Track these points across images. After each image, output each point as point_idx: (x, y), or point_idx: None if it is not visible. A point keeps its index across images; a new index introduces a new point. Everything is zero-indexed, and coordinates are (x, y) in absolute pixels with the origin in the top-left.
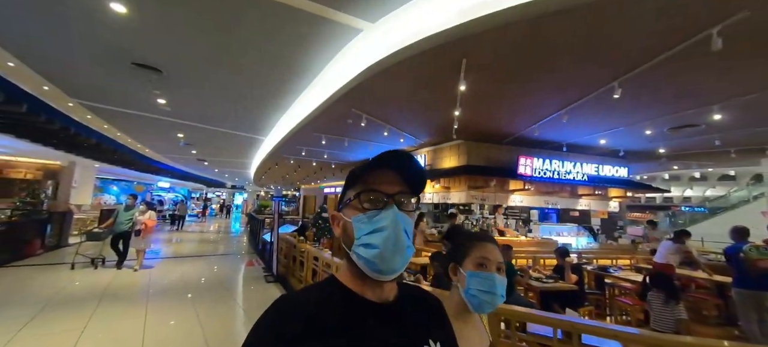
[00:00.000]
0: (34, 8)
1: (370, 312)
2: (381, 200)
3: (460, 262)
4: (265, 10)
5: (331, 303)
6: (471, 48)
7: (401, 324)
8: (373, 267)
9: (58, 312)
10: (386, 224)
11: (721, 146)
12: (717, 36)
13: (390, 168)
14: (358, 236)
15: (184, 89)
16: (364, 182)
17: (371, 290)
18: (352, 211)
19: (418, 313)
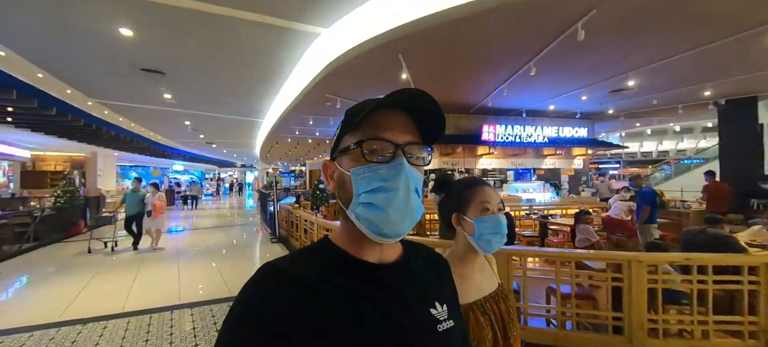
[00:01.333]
0: (59, 33)
1: (369, 276)
2: (388, 150)
3: (464, 210)
4: (244, 26)
5: (324, 269)
6: (405, 46)
7: (405, 286)
8: (376, 231)
9: (114, 268)
10: (394, 182)
11: (662, 104)
12: (581, 29)
13: (401, 110)
14: (357, 193)
15: (185, 85)
16: (368, 127)
17: (371, 251)
18: (350, 161)
19: (423, 274)
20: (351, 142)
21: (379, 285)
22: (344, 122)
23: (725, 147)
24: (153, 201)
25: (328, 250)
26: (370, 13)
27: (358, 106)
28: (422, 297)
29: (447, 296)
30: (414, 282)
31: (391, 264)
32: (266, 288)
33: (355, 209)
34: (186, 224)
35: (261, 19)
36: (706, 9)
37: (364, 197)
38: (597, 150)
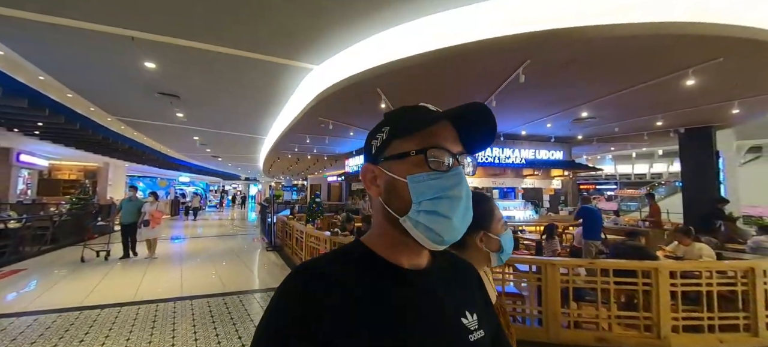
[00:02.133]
0: (93, 63)
1: (403, 281)
2: (447, 159)
3: (489, 227)
4: (249, 62)
5: (358, 271)
6: (382, 82)
7: (438, 293)
8: (435, 238)
9: (126, 267)
10: (457, 190)
11: (624, 131)
12: (522, 73)
13: (450, 122)
14: (417, 201)
15: (196, 106)
16: (428, 136)
17: (406, 256)
18: (407, 167)
19: (454, 281)
20: (408, 148)
21: (414, 290)
22: (394, 127)
23: (686, 172)
24: (151, 211)
25: (362, 253)
26: (352, 55)
27: (407, 113)
28: (454, 305)
29: (478, 304)
30: (445, 289)
31: (423, 269)
32: (301, 294)
33: (413, 216)
34: (189, 233)
35: (263, 57)
36: (616, 62)
37: (425, 205)
38: (575, 171)
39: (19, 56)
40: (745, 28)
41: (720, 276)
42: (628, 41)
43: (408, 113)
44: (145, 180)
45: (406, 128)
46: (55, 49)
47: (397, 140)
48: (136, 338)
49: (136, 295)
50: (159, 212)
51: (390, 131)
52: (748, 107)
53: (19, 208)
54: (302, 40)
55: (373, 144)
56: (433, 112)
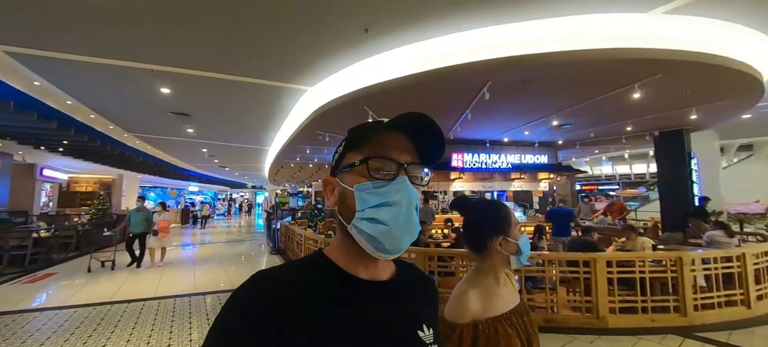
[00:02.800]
0: (114, 89)
1: (361, 292)
2: (392, 169)
3: (508, 233)
4: (253, 86)
5: (316, 281)
6: (368, 101)
7: (394, 306)
8: (377, 246)
9: (142, 272)
10: (398, 198)
11: (600, 136)
12: (487, 91)
13: (402, 132)
14: (360, 209)
15: (205, 123)
16: (372, 146)
17: (365, 267)
18: (353, 177)
19: (413, 294)
20: (355, 159)
21: (369, 303)
22: (348, 141)
23: (662, 173)
24: (159, 221)
25: (322, 263)
26: (341, 78)
27: (361, 126)
28: (411, 318)
29: (434, 320)
30: (404, 302)
31: (382, 282)
32: (258, 288)
33: (357, 223)
34: (199, 240)
35: (264, 82)
36: (569, 81)
37: (367, 213)
38: (562, 174)
39: (51, 85)
40: (674, 51)
41: (654, 265)
42: (579, 64)
43: (363, 127)
44: (156, 190)
45: (357, 140)
46: (84, 80)
47: (350, 152)
48: (160, 326)
49: (156, 292)
50: (167, 222)
51: (345, 144)
52: (706, 112)
53: (46, 219)
54: (298, 67)
55: (334, 157)
56: (378, 122)
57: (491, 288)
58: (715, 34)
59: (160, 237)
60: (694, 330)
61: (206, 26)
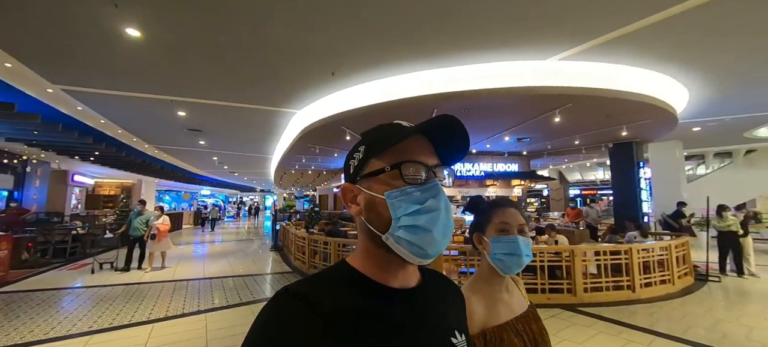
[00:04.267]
0: (141, 112)
1: (392, 302)
2: (422, 173)
3: (483, 230)
4: (253, 109)
5: (343, 294)
6: (346, 123)
7: (427, 313)
8: (418, 253)
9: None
10: (435, 203)
11: (558, 147)
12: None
13: (424, 134)
14: (396, 217)
15: (215, 136)
16: (400, 152)
17: (393, 276)
18: (382, 184)
19: (442, 300)
20: (382, 165)
21: (402, 311)
22: (369, 146)
23: (615, 180)
24: (157, 224)
25: (347, 274)
26: (321, 104)
27: (381, 131)
28: (444, 325)
29: (463, 326)
30: (436, 308)
31: (412, 289)
32: (283, 317)
33: (394, 232)
34: (209, 239)
35: (261, 107)
36: (500, 108)
37: (404, 220)
38: (532, 180)
39: (91, 110)
40: (570, 87)
41: (554, 256)
42: (503, 96)
43: (382, 131)
44: (171, 193)
45: (381, 145)
46: (116, 107)
47: (373, 158)
48: (190, 298)
49: (174, 276)
50: (165, 226)
51: (366, 150)
52: (637, 129)
53: (78, 219)
54: (285, 96)
55: (351, 164)
56: (405, 127)
57: (492, 293)
58: (604, 73)
59: (158, 241)
60: (582, 306)
61: (213, 68)
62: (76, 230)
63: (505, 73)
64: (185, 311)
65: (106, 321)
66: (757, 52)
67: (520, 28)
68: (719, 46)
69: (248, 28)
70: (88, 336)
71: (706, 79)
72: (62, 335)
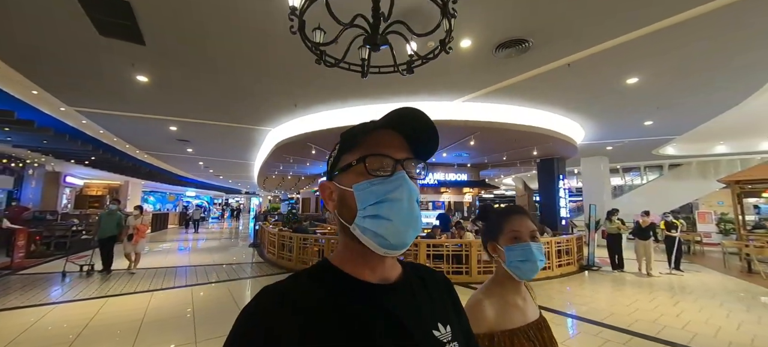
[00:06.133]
0: (136, 127)
1: (370, 298)
2: (389, 165)
3: (497, 239)
4: (233, 128)
5: (324, 291)
6: (312, 141)
7: (407, 308)
8: (382, 243)
9: (156, 254)
10: (398, 193)
11: (494, 161)
12: None
13: (394, 130)
14: (362, 207)
15: (202, 144)
16: (367, 146)
17: (371, 270)
18: (351, 178)
19: (425, 294)
20: (351, 160)
21: (381, 307)
22: (342, 143)
23: (541, 189)
24: (135, 224)
25: (328, 271)
26: (291, 125)
27: (353, 128)
28: (425, 319)
29: (450, 316)
30: (416, 302)
31: (391, 284)
32: (265, 314)
33: (360, 222)
34: (193, 237)
35: (241, 125)
36: None
37: (369, 210)
38: (480, 189)
39: (94, 123)
40: (479, 121)
41: (456, 247)
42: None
43: (354, 128)
44: (156, 195)
45: (350, 141)
46: (116, 122)
47: (344, 154)
48: (181, 279)
49: (167, 263)
50: (144, 226)
51: (339, 147)
52: (545, 150)
53: (74, 217)
54: (260, 118)
55: (328, 162)
56: (372, 122)
57: (507, 298)
58: (504, 110)
59: (134, 243)
60: (476, 283)
61: (201, 99)
62: (74, 226)
63: (426, 107)
64: (176, 285)
65: (117, 290)
66: (611, 100)
67: (420, 86)
68: (579, 97)
69: (227, 77)
70: (104, 299)
71: (584, 117)
72: (86, 297)
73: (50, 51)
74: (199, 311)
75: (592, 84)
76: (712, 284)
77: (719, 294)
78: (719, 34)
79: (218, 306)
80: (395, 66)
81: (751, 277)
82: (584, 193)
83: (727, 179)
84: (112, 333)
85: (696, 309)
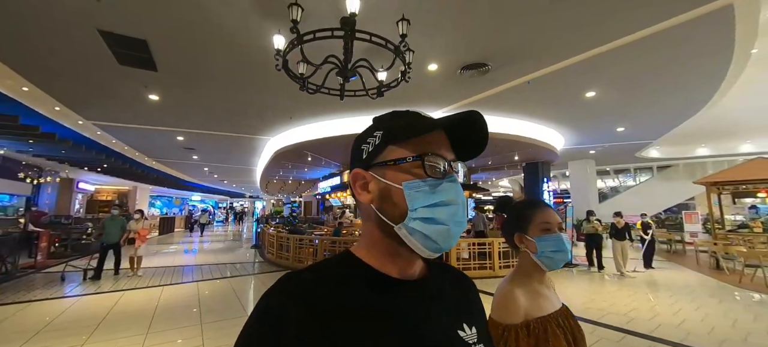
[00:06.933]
0: (146, 137)
1: (395, 293)
2: (442, 166)
3: (526, 230)
4: (236, 136)
5: (347, 283)
6: (307, 148)
7: (432, 305)
8: (431, 246)
9: (167, 254)
10: (453, 197)
11: (480, 166)
12: None
13: (443, 130)
14: (414, 208)
15: (207, 151)
16: (424, 143)
17: (398, 266)
18: (401, 174)
19: (450, 293)
20: (403, 154)
21: (406, 303)
22: (388, 132)
23: (528, 193)
24: (137, 229)
25: (352, 263)
26: (287, 134)
27: (402, 118)
28: (451, 318)
29: (476, 318)
30: (441, 301)
31: (417, 280)
32: (285, 303)
33: (409, 224)
34: (199, 239)
35: (243, 135)
36: None
37: (422, 212)
38: (474, 190)
39: (108, 134)
40: None
41: (480, 246)
42: None
43: (404, 119)
44: (163, 199)
45: (402, 134)
46: (129, 133)
47: (391, 145)
48: (188, 276)
49: (175, 263)
50: (145, 230)
51: (383, 136)
52: (525, 155)
53: (85, 221)
54: (259, 128)
55: (364, 149)
56: (429, 119)
57: (534, 288)
58: None
59: (137, 246)
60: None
61: (206, 113)
62: (89, 230)
63: None
64: (183, 281)
65: (130, 286)
66: (577, 111)
67: (401, 99)
68: (548, 109)
69: (228, 95)
70: (120, 292)
71: (559, 125)
72: (105, 290)
73: (74, 75)
74: (204, 302)
75: (555, 98)
76: (677, 280)
77: (681, 289)
78: (664, 50)
79: (221, 297)
80: (365, 91)
81: (718, 273)
82: (572, 194)
83: (702, 181)
84: (131, 320)
85: (666, 303)
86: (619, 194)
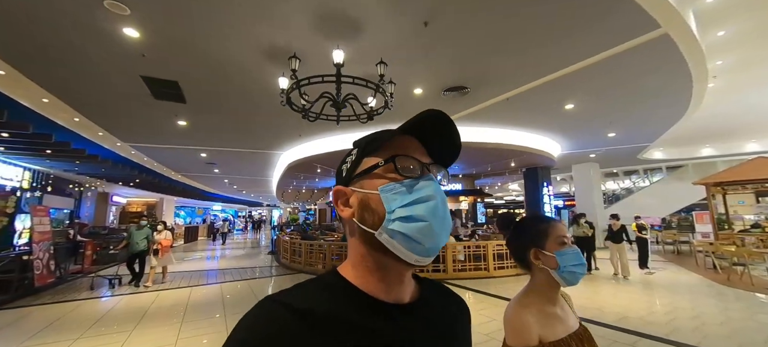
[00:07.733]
0: (173, 156)
1: (384, 319)
2: (417, 168)
3: (542, 245)
4: (252, 153)
5: (332, 306)
6: (317, 161)
7: (421, 331)
8: (415, 248)
9: (192, 261)
10: (431, 193)
11: (481, 171)
12: None
13: (414, 137)
14: (391, 210)
15: (227, 165)
16: (394, 147)
17: (387, 288)
18: (376, 180)
19: (440, 317)
20: (376, 161)
21: (391, 328)
22: (362, 147)
23: (527, 195)
24: (160, 239)
25: (338, 284)
26: (299, 148)
27: (374, 134)
28: (441, 345)
29: (466, 344)
30: (431, 326)
31: (408, 304)
32: (265, 329)
33: (388, 226)
34: (220, 247)
35: (258, 150)
36: None
37: (399, 212)
38: (476, 196)
39: (141, 153)
40: None
41: (476, 248)
42: None
43: (374, 134)
44: (186, 209)
45: (374, 144)
46: (157, 152)
47: (368, 156)
48: (213, 279)
49: (202, 267)
50: (168, 240)
51: (358, 152)
52: (523, 161)
53: (119, 231)
54: (275, 144)
55: (344, 168)
56: (390, 131)
57: (544, 308)
58: (475, 131)
59: (161, 257)
60: (450, 279)
61: (226, 133)
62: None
63: None
64: (208, 282)
65: (163, 287)
66: (563, 121)
67: (394, 117)
68: (535, 120)
69: (245, 117)
70: (156, 292)
71: (551, 133)
72: (140, 291)
73: (117, 106)
74: (227, 299)
75: (538, 110)
76: (665, 280)
77: (664, 288)
78: (624, 68)
79: (241, 295)
80: (357, 117)
81: (713, 273)
82: (576, 197)
83: (702, 181)
84: (167, 313)
85: (663, 301)
86: (632, 194)
